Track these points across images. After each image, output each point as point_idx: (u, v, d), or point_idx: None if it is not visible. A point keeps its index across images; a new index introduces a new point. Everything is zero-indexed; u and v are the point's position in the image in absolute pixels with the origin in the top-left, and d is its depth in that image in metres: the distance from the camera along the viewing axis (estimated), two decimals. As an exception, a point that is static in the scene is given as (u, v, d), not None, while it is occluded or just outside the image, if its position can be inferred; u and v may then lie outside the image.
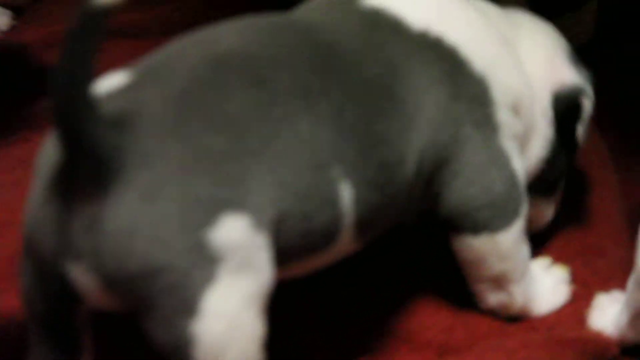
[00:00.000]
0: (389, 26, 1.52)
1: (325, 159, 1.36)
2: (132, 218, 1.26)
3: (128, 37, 2.20)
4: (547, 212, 1.73)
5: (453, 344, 1.59)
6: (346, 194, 1.39)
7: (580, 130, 1.66)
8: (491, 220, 1.54)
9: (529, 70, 1.65)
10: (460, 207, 1.54)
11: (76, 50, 1.20)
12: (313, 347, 1.58)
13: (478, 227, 1.54)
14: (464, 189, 1.54)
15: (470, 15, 1.60)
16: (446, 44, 1.52)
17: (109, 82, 1.34)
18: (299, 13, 1.57)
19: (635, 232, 1.52)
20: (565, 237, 1.77)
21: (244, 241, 1.30)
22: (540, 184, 1.68)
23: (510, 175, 1.55)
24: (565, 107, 1.67)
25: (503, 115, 1.56)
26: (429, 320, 1.64)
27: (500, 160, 1.56)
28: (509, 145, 1.55)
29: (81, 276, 1.30)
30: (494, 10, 1.69)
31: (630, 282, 1.53)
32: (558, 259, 1.70)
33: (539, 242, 1.68)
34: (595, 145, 1.95)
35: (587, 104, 1.67)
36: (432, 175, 1.52)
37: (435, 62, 1.52)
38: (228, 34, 1.44)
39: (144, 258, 1.27)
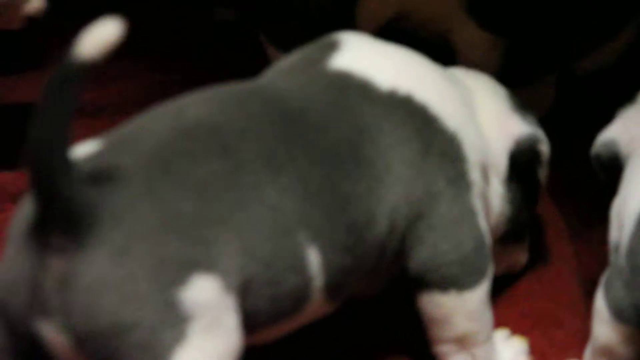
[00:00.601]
0: (356, 88, 1.54)
1: (291, 225, 1.38)
2: (103, 275, 1.27)
3: (84, 116, 2.19)
4: (522, 256, 1.76)
5: None
6: (313, 258, 1.40)
7: (543, 174, 1.70)
8: (460, 277, 1.55)
9: (485, 131, 1.68)
10: (431, 262, 1.54)
11: (53, 108, 1.22)
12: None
13: (447, 284, 1.55)
14: (437, 243, 1.55)
15: (436, 75, 1.62)
16: (416, 101, 1.54)
17: (81, 150, 1.35)
18: (266, 79, 1.59)
19: (592, 303, 1.55)
20: (523, 308, 1.78)
21: (214, 302, 1.31)
22: (509, 232, 1.71)
23: (479, 234, 1.57)
24: (525, 159, 1.70)
25: (474, 174, 1.58)
26: None
27: (471, 218, 1.57)
28: (477, 203, 1.57)
29: (52, 334, 1.31)
30: (447, 71, 1.71)
31: (587, 352, 1.55)
32: (516, 330, 1.71)
33: (498, 313, 1.66)
34: (551, 217, 1.98)
35: (544, 148, 1.70)
36: (407, 230, 1.52)
37: (405, 120, 1.53)
38: (195, 104, 1.46)
39: (114, 315, 1.28)
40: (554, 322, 1.73)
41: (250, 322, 1.38)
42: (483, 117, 1.68)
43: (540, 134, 1.71)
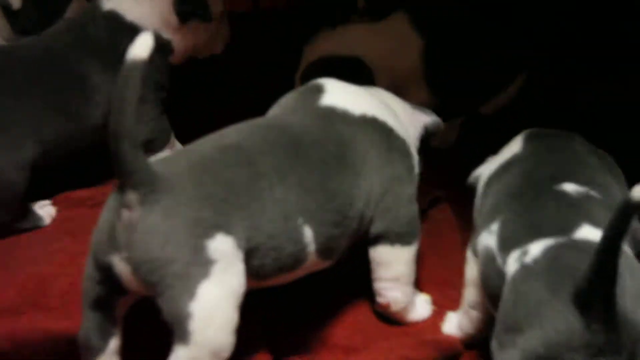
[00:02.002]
0: (338, 117, 1.93)
1: (292, 212, 1.76)
2: (155, 225, 1.64)
3: (90, 208, 2.31)
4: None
5: (354, 346, 1.95)
6: (307, 233, 1.78)
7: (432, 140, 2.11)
8: (404, 236, 1.95)
9: (406, 126, 2.03)
10: (390, 225, 1.93)
11: (122, 101, 1.57)
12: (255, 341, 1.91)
13: (396, 240, 1.95)
14: (396, 213, 1.93)
15: (381, 101, 2.00)
16: (379, 120, 1.93)
17: (156, 156, 1.73)
18: (274, 114, 1.95)
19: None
20: (428, 274, 2.14)
21: (229, 253, 1.70)
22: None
23: (417, 209, 1.95)
24: (428, 135, 2.11)
25: (415, 163, 1.96)
26: (339, 330, 2.00)
27: (414, 197, 1.95)
28: (415, 178, 1.95)
29: (120, 264, 1.69)
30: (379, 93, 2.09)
31: (464, 290, 1.93)
32: (423, 289, 2.08)
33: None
34: (445, 211, 2.36)
35: (440, 127, 2.13)
36: (378, 203, 1.89)
37: (373, 132, 1.91)
38: (230, 133, 1.83)
39: (160, 252, 1.65)
40: (449, 284, 2.07)
41: (261, 273, 1.76)
42: (402, 117, 2.07)
43: (436, 118, 2.12)
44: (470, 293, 1.90)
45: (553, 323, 1.57)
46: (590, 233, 1.66)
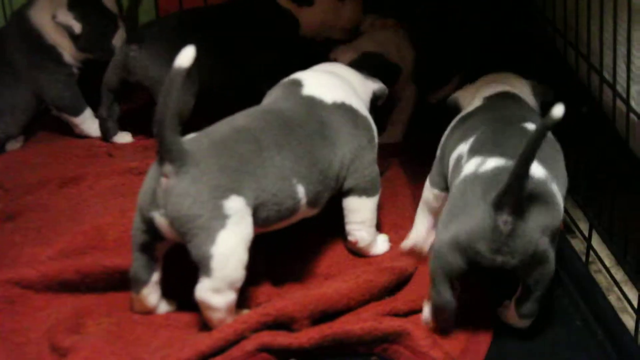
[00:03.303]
0: (317, 103, 1.91)
1: (288, 175, 1.79)
2: (185, 189, 1.67)
3: (136, 175, 2.27)
4: None
5: (331, 273, 1.97)
6: (300, 190, 1.81)
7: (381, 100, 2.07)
8: (369, 189, 1.96)
9: (360, 94, 2.01)
10: (358, 181, 1.93)
11: (167, 97, 1.62)
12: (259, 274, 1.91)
13: (362, 193, 1.95)
14: (363, 172, 1.93)
15: (348, 85, 1.99)
16: (347, 104, 1.93)
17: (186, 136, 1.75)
18: (268, 102, 1.94)
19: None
20: (386, 219, 2.14)
21: (240, 209, 1.73)
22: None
23: (377, 170, 1.96)
24: (376, 97, 2.07)
25: (375, 134, 1.96)
26: (320, 263, 2.02)
27: (375, 160, 1.96)
28: (375, 147, 1.96)
29: (159, 218, 1.72)
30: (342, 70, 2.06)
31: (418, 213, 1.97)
32: (382, 230, 2.08)
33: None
34: (399, 172, 2.32)
35: (383, 92, 2.08)
36: (349, 165, 1.90)
37: (344, 113, 1.92)
38: (239, 117, 1.86)
39: (188, 209, 1.68)
40: (401, 225, 2.09)
41: (266, 222, 1.79)
42: (357, 87, 2.03)
43: (382, 85, 2.08)
44: (421, 215, 1.97)
45: (475, 219, 1.62)
46: (534, 168, 1.64)
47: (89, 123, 2.53)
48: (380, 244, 2.02)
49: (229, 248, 1.71)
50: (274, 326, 1.76)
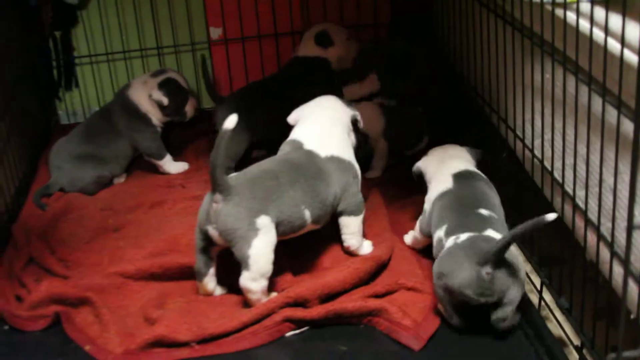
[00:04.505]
0: (315, 156, 1.85)
1: (299, 203, 1.77)
2: (229, 211, 1.67)
3: (197, 200, 2.01)
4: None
5: (331, 267, 1.92)
6: (307, 213, 1.79)
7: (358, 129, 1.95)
8: (356, 211, 1.90)
9: (344, 118, 1.90)
10: (346, 206, 1.89)
11: (218, 148, 1.62)
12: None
13: (351, 213, 1.90)
14: (348, 200, 1.88)
15: (339, 136, 1.88)
16: (335, 156, 1.86)
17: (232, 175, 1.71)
18: (281, 154, 1.87)
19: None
20: (368, 228, 2.05)
21: (267, 224, 1.71)
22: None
23: (361, 197, 1.90)
24: (354, 121, 1.95)
25: (358, 172, 1.90)
26: (323, 260, 1.97)
27: (359, 190, 1.89)
28: (359, 180, 1.89)
29: (212, 231, 1.71)
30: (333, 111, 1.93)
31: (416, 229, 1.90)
32: (367, 237, 2.01)
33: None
34: (378, 196, 2.23)
35: (356, 117, 1.94)
36: (341, 196, 1.86)
37: (334, 163, 1.85)
38: (265, 162, 1.82)
39: (232, 224, 1.68)
40: (380, 236, 2.02)
41: (284, 233, 1.78)
42: (341, 113, 1.90)
43: (356, 112, 1.94)
44: (416, 231, 1.93)
45: (463, 274, 1.57)
46: (492, 233, 1.65)
47: (168, 164, 2.53)
48: (366, 247, 1.96)
49: (261, 250, 1.71)
50: (294, 304, 1.76)
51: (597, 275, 1.47)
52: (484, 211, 1.72)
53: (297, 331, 1.73)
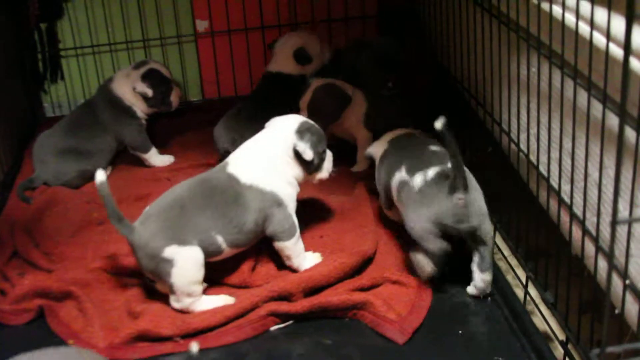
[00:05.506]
0: (235, 180, 1.77)
1: (210, 229, 1.71)
2: (142, 236, 1.67)
3: None
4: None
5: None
6: (220, 239, 1.74)
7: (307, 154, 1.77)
8: (285, 236, 1.80)
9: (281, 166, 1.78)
10: (274, 232, 1.80)
11: (107, 201, 1.61)
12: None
13: (281, 239, 1.80)
14: (274, 226, 1.79)
15: (268, 164, 1.77)
16: (255, 186, 1.76)
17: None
18: (212, 170, 1.81)
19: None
20: (353, 220, 2.03)
21: (179, 251, 1.68)
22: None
23: (293, 221, 1.80)
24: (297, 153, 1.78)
25: (287, 198, 1.78)
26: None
27: (290, 215, 1.79)
28: (291, 205, 1.79)
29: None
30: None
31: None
32: (348, 228, 1.97)
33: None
34: (363, 190, 2.20)
35: (303, 147, 1.77)
36: (265, 223, 1.78)
37: (254, 192, 1.76)
38: (178, 188, 1.78)
39: (147, 266, 1.68)
40: (363, 225, 1.98)
41: (209, 255, 1.72)
42: (279, 150, 1.79)
43: (302, 142, 1.76)
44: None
45: (439, 205, 1.62)
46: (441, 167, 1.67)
47: (154, 157, 2.52)
48: (310, 260, 1.84)
49: (180, 276, 1.71)
50: (278, 298, 1.74)
51: (582, 270, 1.48)
52: (433, 147, 1.77)
53: (282, 325, 1.71)
